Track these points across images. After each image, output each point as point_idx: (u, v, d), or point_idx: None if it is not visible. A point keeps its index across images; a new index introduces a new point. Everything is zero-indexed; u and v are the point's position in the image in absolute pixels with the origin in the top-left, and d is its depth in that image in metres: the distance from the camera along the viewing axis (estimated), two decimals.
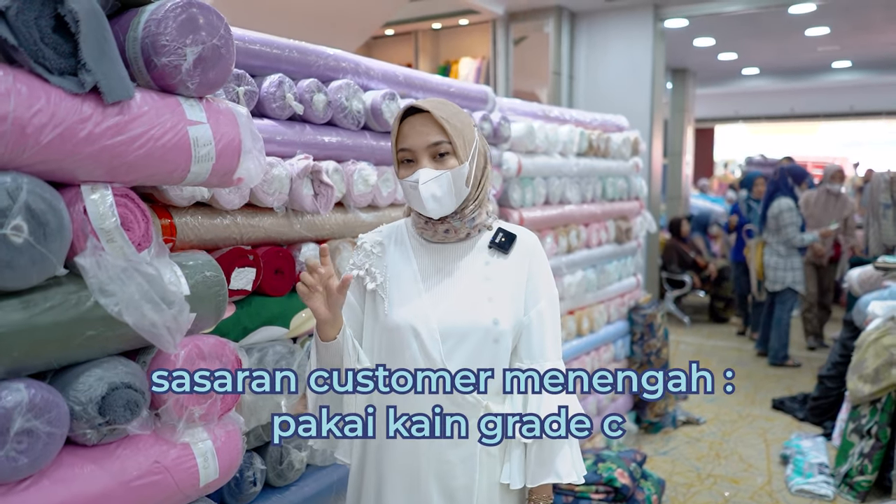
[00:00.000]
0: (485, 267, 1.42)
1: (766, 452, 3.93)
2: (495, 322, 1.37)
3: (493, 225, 1.47)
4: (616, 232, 4.03)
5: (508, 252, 1.43)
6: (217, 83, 1.27)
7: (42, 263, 1.02)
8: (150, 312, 1.10)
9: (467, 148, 1.37)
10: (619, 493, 2.88)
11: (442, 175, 1.33)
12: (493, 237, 1.44)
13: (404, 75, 2.32)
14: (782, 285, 5.53)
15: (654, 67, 6.32)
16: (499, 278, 1.41)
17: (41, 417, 1.04)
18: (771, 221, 5.58)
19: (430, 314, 1.37)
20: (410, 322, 1.38)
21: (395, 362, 1.39)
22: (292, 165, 1.82)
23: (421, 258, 1.44)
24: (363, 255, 1.49)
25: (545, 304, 1.43)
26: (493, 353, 1.38)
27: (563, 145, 3.38)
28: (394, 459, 1.41)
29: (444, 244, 1.44)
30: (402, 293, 1.42)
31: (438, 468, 1.38)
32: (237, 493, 1.79)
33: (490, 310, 1.38)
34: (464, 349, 1.37)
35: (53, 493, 1.08)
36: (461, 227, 1.41)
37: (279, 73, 1.86)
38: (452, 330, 1.37)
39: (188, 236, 1.62)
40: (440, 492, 1.38)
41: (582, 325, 3.60)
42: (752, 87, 12.33)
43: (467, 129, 1.38)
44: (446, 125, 1.33)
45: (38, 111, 0.99)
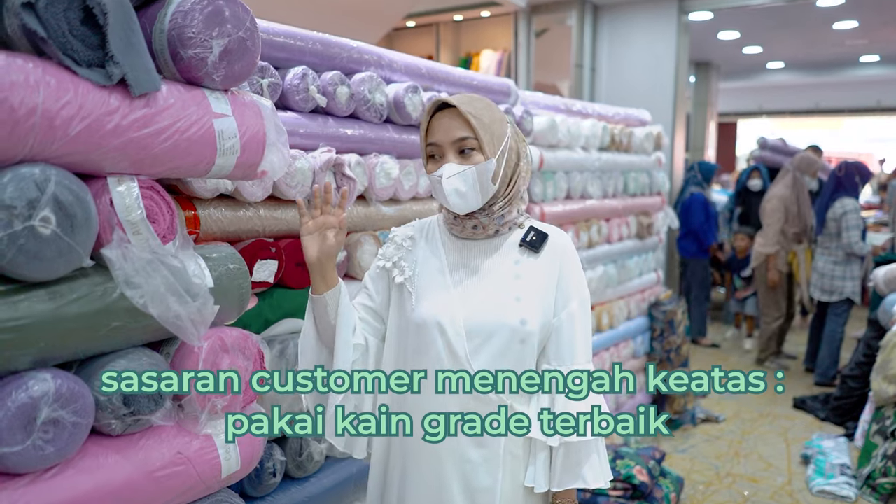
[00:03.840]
0: (514, 266, 1.39)
1: (787, 452, 3.89)
2: (522, 322, 1.34)
3: (524, 223, 1.44)
4: (637, 227, 3.99)
5: (539, 251, 1.39)
6: (243, 76, 1.27)
7: (69, 255, 1.03)
8: (175, 304, 1.10)
9: (496, 144, 1.35)
10: (638, 490, 2.87)
11: (466, 170, 1.32)
12: (524, 235, 1.41)
13: (427, 68, 2.31)
14: (840, 296, 4.88)
15: (678, 61, 6.24)
16: (528, 277, 1.37)
17: (67, 407, 1.05)
18: (831, 223, 4.87)
19: (457, 311, 1.35)
20: (437, 318, 1.36)
21: (420, 360, 1.38)
22: (315, 158, 1.82)
23: (450, 254, 1.43)
24: (393, 247, 1.48)
25: (576, 306, 1.39)
26: (520, 353, 1.35)
27: (586, 139, 3.36)
28: (417, 458, 1.39)
29: (474, 240, 1.42)
30: (429, 288, 1.40)
31: (461, 468, 1.36)
32: (257, 483, 1.80)
33: (518, 309, 1.35)
34: (489, 348, 1.34)
35: (79, 482, 1.09)
36: (490, 223, 1.39)
37: (303, 66, 1.85)
38: (479, 328, 1.35)
39: (212, 228, 1.62)
40: (463, 492, 1.36)
41: (602, 320, 3.58)
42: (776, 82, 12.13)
43: (497, 125, 1.36)
44: (473, 120, 1.31)
45: (67, 103, 1.00)
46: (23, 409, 1.00)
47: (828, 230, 4.92)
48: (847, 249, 4.82)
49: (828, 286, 4.93)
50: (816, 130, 15.31)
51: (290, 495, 1.88)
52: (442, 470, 1.37)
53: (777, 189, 5.27)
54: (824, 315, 5.10)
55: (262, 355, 1.37)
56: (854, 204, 4.82)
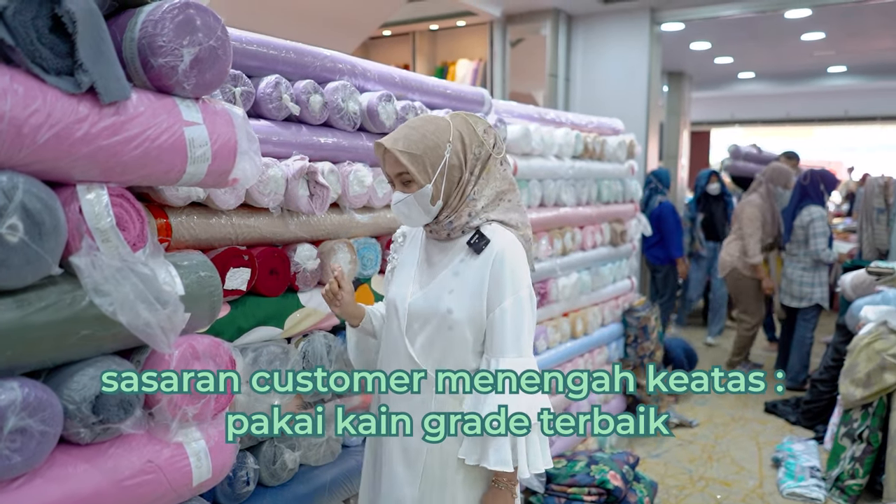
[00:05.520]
0: (458, 263, 1.60)
1: (759, 455, 3.95)
2: (449, 311, 1.56)
3: (482, 225, 1.61)
4: (611, 234, 4.04)
5: (480, 253, 1.58)
6: (214, 84, 1.28)
7: (37, 262, 1.03)
8: (145, 312, 1.10)
9: (430, 171, 1.55)
10: (612, 495, 2.89)
11: (407, 197, 1.57)
12: (469, 238, 1.61)
13: (401, 77, 2.33)
14: (809, 302, 4.96)
15: (651, 71, 6.33)
16: (464, 275, 1.58)
17: (35, 416, 1.04)
18: (798, 231, 4.96)
19: (408, 296, 1.63)
20: (394, 300, 1.66)
21: (388, 333, 1.70)
22: (288, 166, 1.83)
23: (422, 250, 1.70)
24: (394, 243, 1.83)
25: (508, 304, 1.55)
26: (448, 339, 1.58)
27: (559, 148, 3.40)
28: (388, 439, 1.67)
29: (438, 241, 1.67)
30: (400, 277, 1.70)
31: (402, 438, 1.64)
32: (230, 492, 1.79)
33: (448, 300, 1.57)
34: (425, 331, 1.60)
35: (46, 492, 1.08)
36: (440, 229, 1.63)
37: (276, 74, 1.86)
38: (418, 312, 1.61)
39: (183, 236, 1.62)
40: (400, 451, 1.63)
41: (576, 327, 3.61)
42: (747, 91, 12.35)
43: (431, 153, 1.54)
44: (403, 157, 1.52)
45: (35, 111, 1.00)
46: None
47: (795, 237, 5.00)
48: (814, 256, 4.89)
49: (797, 292, 5.01)
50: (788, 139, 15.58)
51: None
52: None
53: (753, 197, 5.28)
54: (794, 321, 5.18)
55: (233, 363, 1.37)
56: (820, 212, 4.90)
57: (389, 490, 1.64)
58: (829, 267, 5.06)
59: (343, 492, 2.11)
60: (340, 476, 2.10)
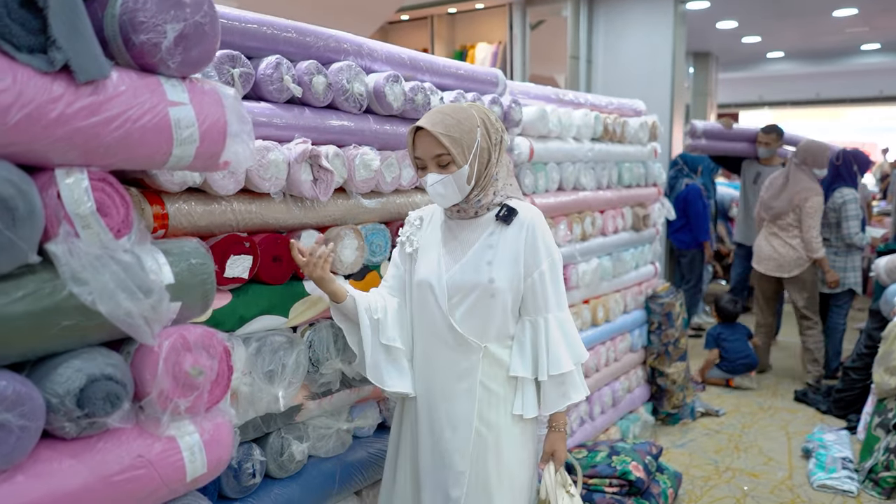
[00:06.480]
0: (489, 237, 1.76)
1: (788, 446, 3.83)
2: (491, 280, 1.72)
3: (504, 201, 1.77)
4: (633, 219, 3.93)
5: (509, 224, 1.74)
6: (201, 62, 1.22)
7: (10, 250, 0.98)
8: (126, 302, 1.05)
9: (466, 153, 1.69)
10: (634, 486, 2.81)
11: (445, 178, 1.69)
12: (497, 212, 1.76)
13: (409, 57, 2.26)
14: (841, 287, 4.74)
15: (675, 51, 6.17)
16: (499, 246, 1.74)
17: (13, 410, 1.00)
18: (830, 214, 4.74)
19: (443, 273, 1.76)
20: (428, 279, 1.77)
21: (422, 311, 1.81)
22: (290, 150, 1.77)
23: (445, 231, 1.83)
24: (407, 226, 1.91)
25: (546, 267, 1.75)
26: (490, 306, 1.74)
27: (578, 130, 3.29)
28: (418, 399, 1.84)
29: (462, 220, 1.80)
30: (427, 257, 1.81)
31: (448, 400, 1.79)
32: (236, 485, 1.75)
33: (488, 271, 1.72)
34: (466, 302, 1.74)
35: (29, 489, 1.04)
36: (469, 208, 1.77)
37: (277, 55, 1.80)
38: (458, 286, 1.74)
39: (181, 223, 1.57)
40: (448, 420, 1.77)
41: (597, 314, 3.52)
42: (776, 72, 12.03)
43: (467, 136, 1.68)
44: (444, 140, 1.65)
45: (4, 90, 0.94)
46: None
47: (827, 221, 4.78)
48: (847, 240, 4.71)
49: None
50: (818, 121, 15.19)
51: (272, 496, 1.84)
52: (434, 403, 1.80)
53: (806, 183, 4.61)
54: (826, 307, 4.97)
55: (228, 353, 1.32)
56: (853, 194, 4.71)
57: (434, 459, 1.79)
58: (861, 250, 4.82)
59: (354, 484, 2.07)
60: (351, 467, 2.05)
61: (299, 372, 1.82)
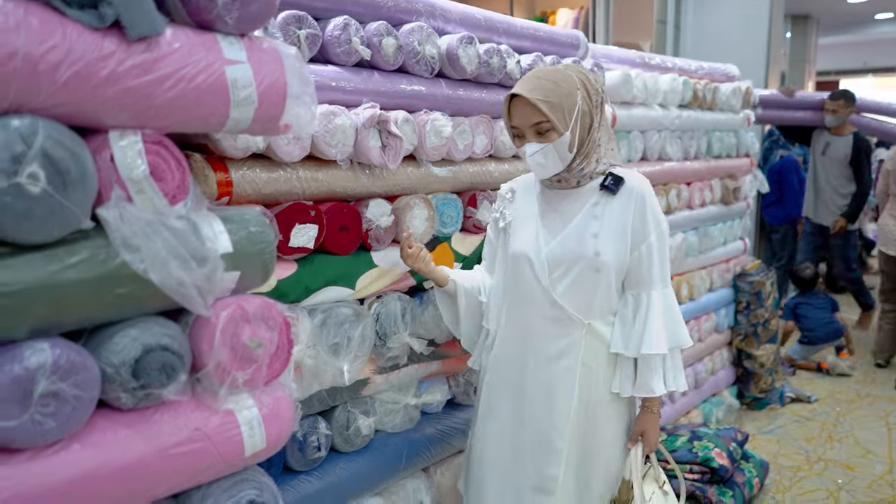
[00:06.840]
0: (593, 207, 1.67)
1: (888, 438, 3.56)
2: (597, 254, 1.63)
3: (606, 170, 1.67)
4: (722, 191, 3.70)
5: (616, 193, 1.65)
6: (260, 18, 1.15)
7: (62, 215, 0.94)
8: (178, 270, 1.00)
9: (567, 118, 1.58)
10: (717, 474, 2.66)
11: (545, 147, 1.59)
12: (602, 180, 1.67)
13: (485, 18, 2.14)
14: None
15: (772, 13, 5.75)
16: (605, 217, 1.65)
17: (67, 380, 0.97)
18: None
19: (542, 246, 1.67)
20: (525, 252, 1.69)
21: (517, 285, 1.73)
22: (357, 115, 1.70)
23: (542, 202, 1.74)
24: (499, 199, 1.85)
25: (654, 239, 1.65)
26: (594, 281, 1.65)
27: (664, 96, 3.09)
28: (507, 373, 1.77)
29: (562, 189, 1.71)
30: (523, 229, 1.73)
31: (546, 378, 1.70)
32: (301, 458, 1.73)
33: (593, 244, 1.63)
34: (569, 276, 1.66)
35: (84, 458, 1.01)
36: (570, 177, 1.67)
37: (345, 16, 1.72)
38: (560, 259, 1.66)
39: (246, 190, 1.53)
40: (545, 398, 1.70)
41: (681, 292, 3.34)
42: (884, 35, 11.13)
43: (566, 100, 1.57)
44: (543, 106, 1.55)
45: (53, 47, 0.90)
46: (17, 381, 0.93)
47: None
48: None
49: None
50: None
51: (338, 470, 1.81)
52: (528, 379, 1.72)
53: None
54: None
55: (288, 325, 1.27)
56: None
57: (531, 436, 1.72)
58: None
59: (422, 460, 2.02)
60: (419, 444, 2.00)
61: (365, 345, 1.77)
